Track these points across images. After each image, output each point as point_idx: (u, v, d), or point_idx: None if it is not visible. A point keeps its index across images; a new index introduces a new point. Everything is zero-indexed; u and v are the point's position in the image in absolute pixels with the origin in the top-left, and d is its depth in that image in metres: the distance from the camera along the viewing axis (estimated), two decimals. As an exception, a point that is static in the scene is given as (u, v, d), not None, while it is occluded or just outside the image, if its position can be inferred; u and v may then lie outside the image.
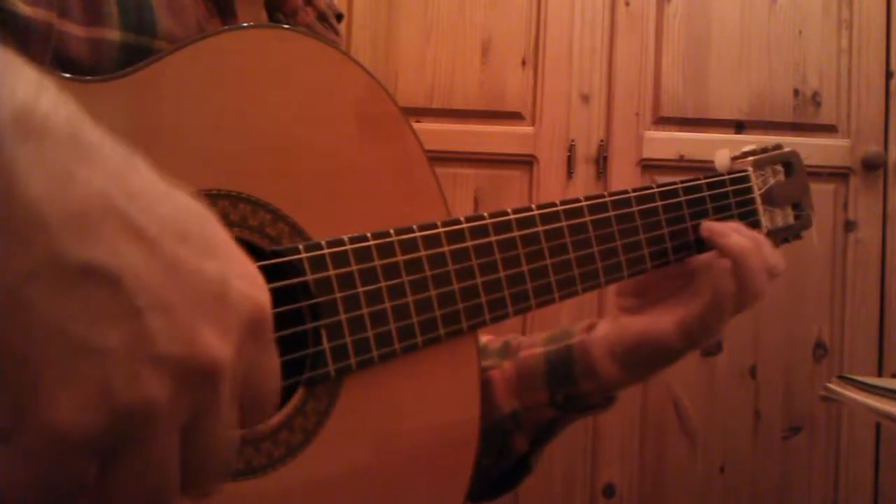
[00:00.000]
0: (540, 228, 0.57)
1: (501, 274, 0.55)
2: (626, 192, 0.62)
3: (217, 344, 0.28)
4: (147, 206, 0.27)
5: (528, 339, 0.71)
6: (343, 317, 0.48)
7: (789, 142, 0.76)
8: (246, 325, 0.29)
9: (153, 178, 0.28)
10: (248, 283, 0.30)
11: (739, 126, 1.64)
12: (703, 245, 0.65)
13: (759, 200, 0.69)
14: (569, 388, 0.66)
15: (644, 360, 0.64)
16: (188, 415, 0.28)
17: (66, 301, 0.25)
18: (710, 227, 0.64)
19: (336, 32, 0.65)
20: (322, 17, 0.63)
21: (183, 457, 0.29)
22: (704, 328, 0.61)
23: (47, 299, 0.24)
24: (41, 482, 0.26)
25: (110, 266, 0.25)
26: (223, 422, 0.29)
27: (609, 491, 1.60)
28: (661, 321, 0.63)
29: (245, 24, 0.50)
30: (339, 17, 0.67)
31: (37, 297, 0.24)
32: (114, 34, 0.45)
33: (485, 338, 0.73)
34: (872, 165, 1.60)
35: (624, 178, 1.60)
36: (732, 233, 0.63)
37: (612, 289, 0.66)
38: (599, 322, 0.68)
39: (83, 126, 0.26)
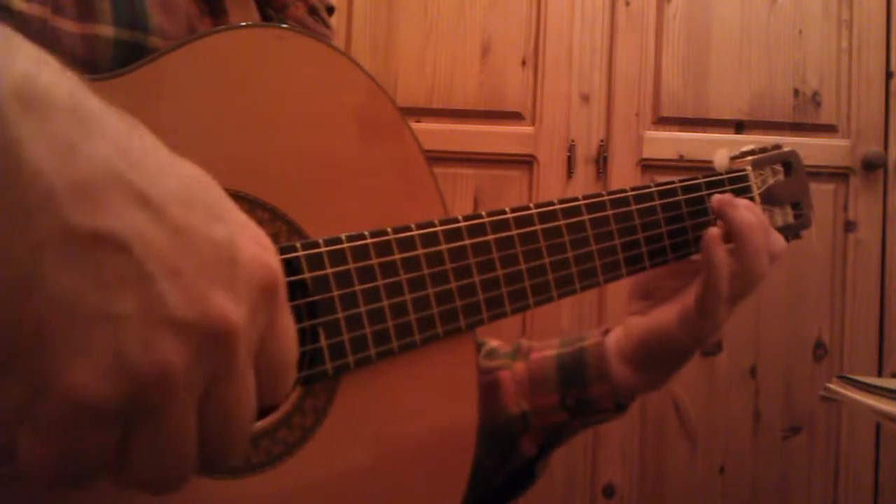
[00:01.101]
0: (538, 227, 0.57)
1: (499, 272, 0.55)
2: (624, 191, 0.62)
3: (230, 307, 0.28)
4: (152, 173, 0.27)
5: (541, 342, 0.70)
6: (341, 315, 0.48)
7: (789, 142, 0.76)
8: (258, 289, 0.29)
9: (157, 146, 0.28)
10: (257, 247, 0.30)
11: (739, 126, 1.64)
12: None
13: (758, 200, 0.69)
14: (580, 390, 0.66)
15: (653, 357, 0.64)
16: (204, 380, 0.28)
17: (76, 270, 0.25)
18: (720, 197, 0.63)
19: (327, 26, 0.65)
20: (312, 11, 0.63)
21: (201, 426, 0.29)
22: (704, 315, 0.60)
23: (57, 269, 0.24)
24: (62, 454, 0.26)
25: (119, 233, 0.25)
26: (240, 388, 0.29)
27: (609, 491, 1.60)
28: (663, 316, 0.62)
29: (243, 24, 0.50)
30: (331, 10, 0.67)
31: (47, 268, 0.24)
32: (107, 30, 0.45)
33: (494, 342, 0.73)
34: (872, 165, 1.60)
35: (624, 178, 1.60)
36: (742, 206, 0.62)
37: (612, 288, 0.67)
38: (615, 328, 0.68)
39: (85, 97, 0.26)
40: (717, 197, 0.63)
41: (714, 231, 0.60)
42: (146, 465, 0.28)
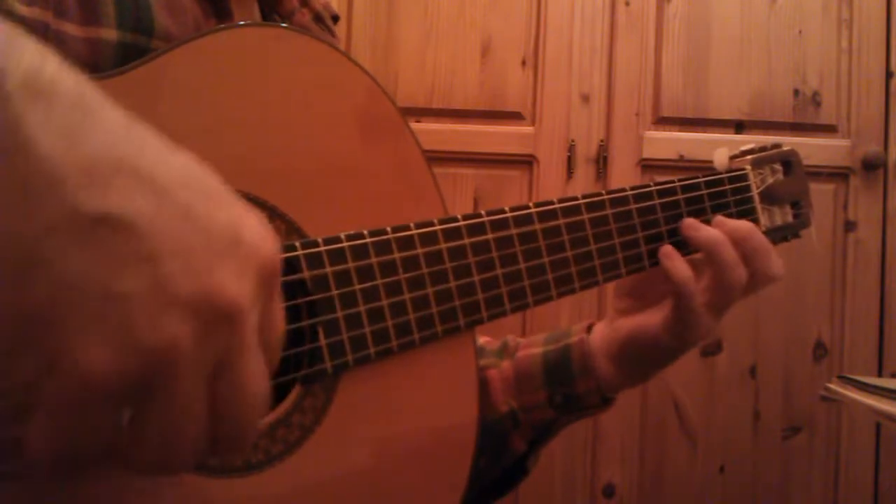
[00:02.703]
0: (537, 226, 0.57)
1: (499, 272, 0.55)
2: (623, 190, 0.62)
3: (235, 285, 0.28)
4: (156, 158, 0.28)
5: (527, 339, 0.71)
6: (340, 314, 0.48)
7: (789, 142, 0.76)
8: (259, 271, 0.30)
9: (155, 136, 0.29)
10: (258, 232, 0.31)
11: (739, 126, 1.64)
12: None
13: (757, 199, 0.69)
14: (566, 387, 0.66)
15: (637, 358, 0.64)
16: (213, 358, 0.28)
17: (84, 250, 0.25)
18: (684, 221, 0.63)
19: (332, 34, 0.65)
20: (318, 19, 0.63)
21: (214, 406, 0.29)
22: (684, 324, 0.60)
23: (66, 251, 0.25)
24: (73, 434, 0.27)
25: (124, 213, 0.26)
26: (251, 365, 0.30)
27: (609, 491, 1.60)
28: (651, 319, 0.62)
29: (243, 23, 0.50)
30: (335, 18, 0.68)
31: (55, 250, 0.25)
32: (111, 34, 0.45)
33: (482, 339, 0.73)
34: (872, 165, 1.60)
35: (624, 178, 1.60)
36: (702, 226, 0.62)
37: (611, 288, 0.66)
38: (598, 323, 0.68)
39: (87, 88, 0.27)
40: (683, 221, 0.63)
41: (667, 247, 0.61)
42: (155, 445, 0.28)
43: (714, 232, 0.61)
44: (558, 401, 0.66)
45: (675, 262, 0.60)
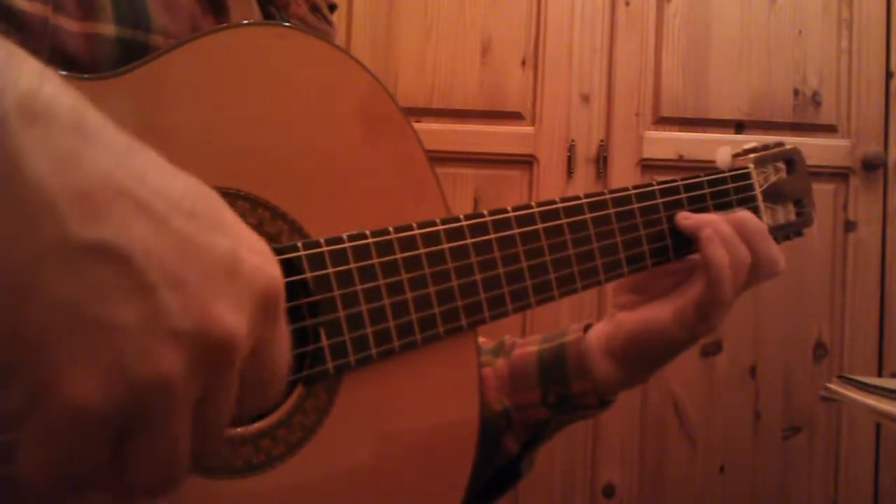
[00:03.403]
0: (539, 226, 0.56)
1: (501, 271, 0.54)
2: (626, 189, 0.62)
3: (231, 319, 0.28)
4: (154, 184, 0.27)
5: (524, 339, 0.70)
6: (342, 314, 0.47)
7: (789, 142, 0.76)
8: (258, 300, 0.30)
9: (157, 159, 0.28)
10: (259, 258, 0.30)
11: (739, 126, 1.64)
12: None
13: (759, 197, 0.69)
14: (561, 386, 0.65)
15: (641, 353, 0.63)
16: (201, 389, 0.28)
17: (76, 280, 0.25)
18: (678, 214, 0.63)
19: (329, 23, 0.65)
20: (314, 8, 0.63)
21: (194, 429, 0.29)
22: (703, 316, 0.60)
23: (58, 280, 0.25)
24: (60, 462, 0.26)
25: (120, 243, 0.25)
26: (230, 396, 0.30)
27: (609, 491, 1.60)
28: (659, 312, 0.62)
29: (245, 22, 0.50)
30: (332, 7, 0.67)
31: (48, 278, 0.24)
32: (108, 29, 0.45)
33: (479, 339, 0.73)
34: (872, 165, 1.60)
35: (624, 178, 1.60)
36: (694, 214, 0.63)
37: (612, 287, 0.66)
38: (596, 323, 0.67)
39: (86, 111, 0.27)
40: (676, 216, 0.63)
41: (708, 230, 0.60)
42: (143, 471, 0.28)
43: (707, 215, 0.62)
44: (552, 400, 0.65)
45: (715, 247, 0.59)
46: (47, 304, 0.24)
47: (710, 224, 0.60)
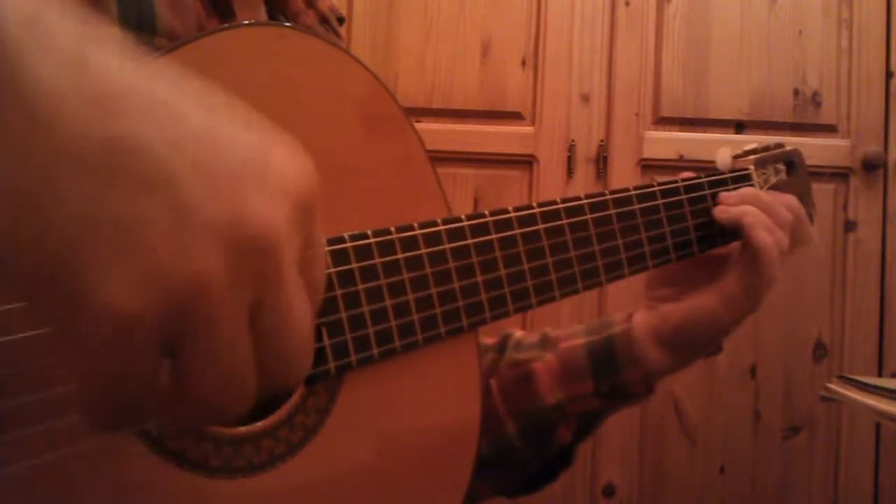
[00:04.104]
0: (540, 226, 0.57)
1: (502, 272, 0.54)
2: (626, 189, 0.62)
3: (266, 212, 0.26)
4: (168, 81, 0.26)
5: (566, 331, 0.71)
6: (343, 314, 0.47)
7: (789, 142, 0.77)
8: (294, 199, 0.27)
9: (170, 66, 0.27)
10: (291, 154, 0.28)
11: (739, 126, 1.64)
12: (705, 241, 0.65)
13: (760, 199, 0.69)
14: (613, 377, 0.67)
15: (692, 339, 0.65)
16: (251, 294, 0.26)
17: (95, 178, 0.23)
18: (716, 208, 0.65)
19: (338, 35, 0.65)
20: (324, 20, 0.63)
21: (258, 344, 0.27)
22: (751, 296, 0.63)
23: (76, 179, 0.23)
24: (112, 376, 0.25)
25: (138, 136, 0.24)
26: (293, 304, 0.27)
27: (609, 491, 1.60)
28: (706, 300, 0.64)
29: (247, 22, 0.50)
30: (341, 20, 0.68)
31: (65, 179, 0.23)
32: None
33: (519, 332, 0.73)
34: (872, 165, 1.60)
35: (624, 178, 1.60)
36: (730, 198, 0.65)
37: (613, 288, 0.67)
38: (636, 313, 0.69)
39: (94, 19, 0.26)
40: (715, 209, 0.65)
41: (750, 217, 0.62)
42: (201, 391, 0.26)
43: (742, 207, 0.65)
44: (604, 390, 0.67)
45: (760, 232, 0.62)
46: (67, 207, 0.23)
47: (748, 212, 0.63)
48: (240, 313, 0.26)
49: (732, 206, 0.65)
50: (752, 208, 0.63)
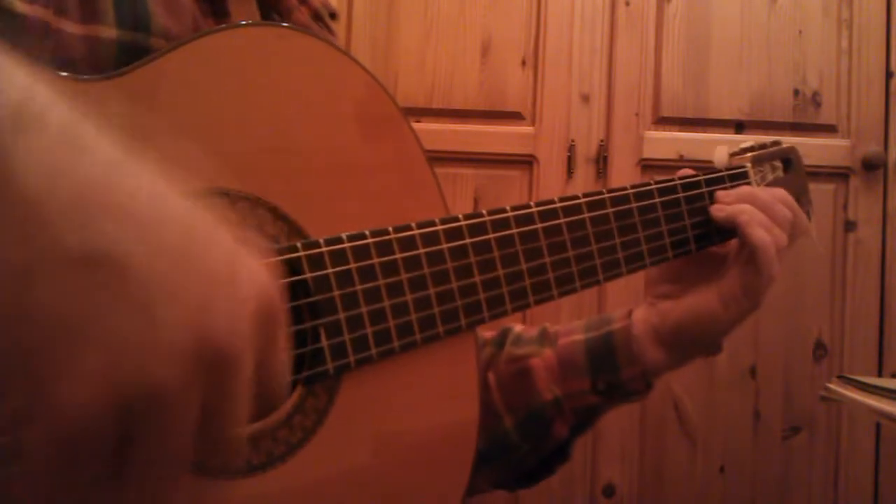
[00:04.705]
0: (538, 225, 0.57)
1: (500, 271, 0.54)
2: (624, 188, 0.62)
3: (230, 326, 0.27)
4: (148, 196, 0.27)
5: (565, 326, 0.71)
6: (342, 315, 0.47)
7: (789, 142, 0.77)
8: (257, 312, 0.29)
9: (152, 171, 0.28)
10: (256, 269, 0.30)
11: (739, 126, 1.64)
12: (703, 240, 0.65)
13: (758, 198, 0.69)
14: (611, 374, 0.67)
15: (692, 338, 0.65)
16: (205, 397, 0.27)
17: (69, 290, 0.24)
18: (713, 206, 0.65)
19: (331, 31, 0.65)
20: (317, 17, 0.63)
21: (199, 435, 0.28)
22: (750, 295, 0.63)
23: (51, 289, 0.24)
24: (56, 479, 0.26)
25: (114, 253, 0.25)
26: (242, 407, 0.29)
27: (609, 491, 1.60)
28: (706, 298, 0.64)
29: (244, 22, 0.50)
30: (333, 15, 0.68)
31: (40, 288, 0.24)
32: (110, 32, 0.45)
33: (518, 327, 0.74)
34: (872, 165, 1.60)
35: (624, 178, 1.60)
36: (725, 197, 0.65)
37: (611, 287, 0.67)
38: (636, 310, 0.69)
39: (79, 120, 0.26)
40: (711, 207, 0.65)
41: (745, 215, 0.62)
42: (142, 479, 0.27)
43: (738, 205, 0.65)
44: (601, 387, 0.67)
45: (756, 230, 0.62)
46: (39, 314, 0.24)
47: (744, 211, 0.63)
48: (190, 415, 0.27)
49: (729, 204, 0.64)
50: (748, 206, 0.63)
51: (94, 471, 0.26)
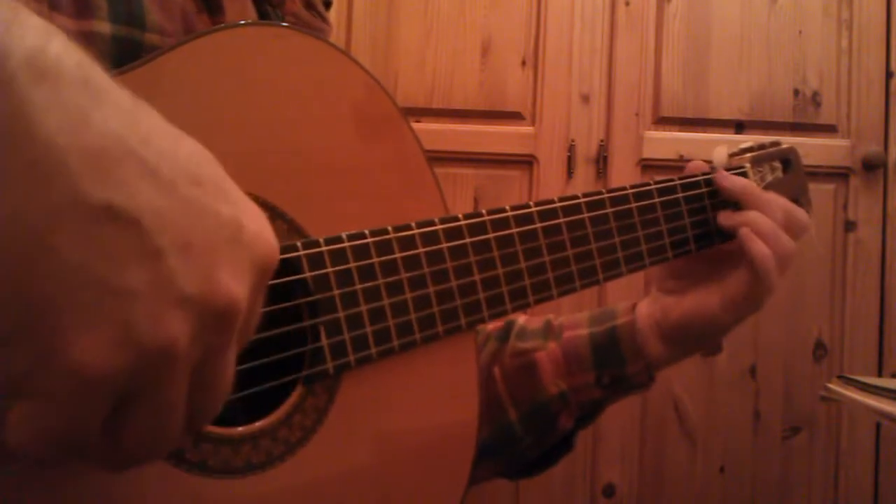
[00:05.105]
0: (538, 225, 0.57)
1: (499, 270, 0.55)
2: (623, 188, 0.62)
3: (235, 285, 0.28)
4: (160, 148, 0.27)
5: (569, 319, 0.72)
6: (341, 314, 0.47)
7: (789, 142, 0.77)
8: (258, 268, 0.30)
9: (162, 122, 0.29)
10: (258, 225, 0.30)
11: (739, 126, 1.64)
12: (703, 240, 0.66)
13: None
14: (616, 369, 0.67)
15: (693, 336, 0.66)
16: (202, 354, 0.28)
17: (89, 242, 0.25)
18: (721, 213, 0.66)
19: (324, 19, 0.65)
20: (309, 5, 0.63)
21: (190, 393, 0.29)
22: (752, 302, 0.63)
23: (70, 240, 0.24)
24: (57, 428, 0.26)
25: (131, 207, 0.25)
26: (229, 361, 0.30)
27: (609, 491, 1.60)
28: (707, 300, 0.64)
29: (242, 22, 0.50)
30: (328, 4, 0.67)
31: (60, 238, 0.24)
32: (104, 27, 0.45)
33: (522, 318, 0.74)
34: (872, 165, 1.60)
35: (624, 178, 1.60)
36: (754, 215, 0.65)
37: (611, 287, 0.67)
38: (640, 303, 0.69)
39: (94, 69, 0.26)
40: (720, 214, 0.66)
41: (746, 228, 0.63)
42: (138, 435, 0.28)
43: (746, 213, 0.65)
44: (606, 381, 0.68)
45: (755, 243, 0.62)
46: (58, 265, 0.24)
47: (748, 223, 0.63)
48: (188, 374, 0.28)
49: (732, 187, 0.65)
50: (753, 217, 0.63)
51: (95, 422, 0.27)
